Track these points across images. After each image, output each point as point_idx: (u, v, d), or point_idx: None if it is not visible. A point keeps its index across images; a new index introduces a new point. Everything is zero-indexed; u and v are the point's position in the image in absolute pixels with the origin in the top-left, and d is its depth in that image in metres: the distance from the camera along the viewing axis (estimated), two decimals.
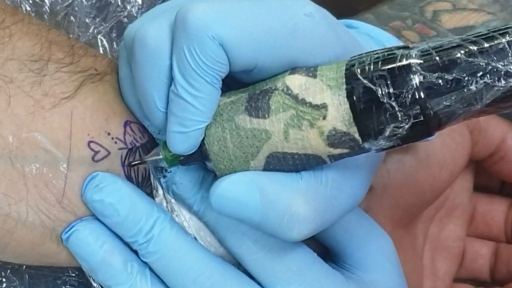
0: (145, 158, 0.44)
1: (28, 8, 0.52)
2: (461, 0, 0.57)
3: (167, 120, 0.42)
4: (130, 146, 0.46)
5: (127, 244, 0.45)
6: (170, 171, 0.45)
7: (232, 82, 0.43)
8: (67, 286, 0.51)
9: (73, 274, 0.51)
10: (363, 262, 0.47)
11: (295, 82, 0.40)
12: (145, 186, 0.46)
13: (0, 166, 0.43)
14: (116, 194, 0.44)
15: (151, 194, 0.46)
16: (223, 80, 0.41)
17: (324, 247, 0.48)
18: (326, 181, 0.41)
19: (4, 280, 0.50)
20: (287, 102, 0.40)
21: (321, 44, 0.41)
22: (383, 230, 0.48)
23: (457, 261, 0.59)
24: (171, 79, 0.41)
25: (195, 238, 0.46)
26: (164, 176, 0.45)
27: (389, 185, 0.53)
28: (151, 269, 0.45)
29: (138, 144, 0.46)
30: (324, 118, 0.39)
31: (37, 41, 0.45)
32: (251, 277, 0.45)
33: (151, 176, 0.46)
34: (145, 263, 0.45)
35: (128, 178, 0.45)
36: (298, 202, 0.40)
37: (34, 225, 0.44)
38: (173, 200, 0.46)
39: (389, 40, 0.49)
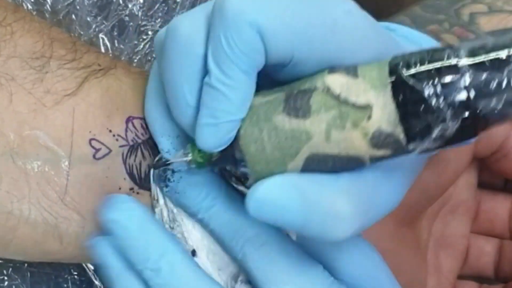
0: (172, 160, 0.44)
1: (30, 7, 0.52)
2: (496, 1, 0.57)
3: (196, 118, 0.41)
4: (131, 143, 0.46)
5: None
6: (173, 180, 0.45)
7: (265, 83, 0.41)
8: (68, 284, 0.51)
9: (75, 273, 0.51)
10: (352, 273, 0.45)
11: (336, 82, 0.39)
12: (147, 184, 0.46)
13: (2, 163, 0.43)
14: (132, 217, 0.43)
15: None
16: (256, 81, 0.40)
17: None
18: (366, 180, 0.40)
19: (5, 278, 0.50)
20: (329, 102, 0.38)
21: (360, 42, 0.40)
22: (366, 240, 0.47)
23: (461, 258, 0.59)
24: (204, 71, 0.40)
25: (198, 247, 0.45)
26: (167, 186, 0.45)
27: None
28: None
29: (139, 141, 0.46)
30: (369, 118, 0.38)
31: (39, 38, 0.45)
32: None
33: (152, 185, 0.46)
34: None
35: (130, 176, 0.45)
36: (341, 201, 0.39)
37: (36, 222, 0.44)
38: (175, 210, 0.46)
39: (428, 42, 0.48)
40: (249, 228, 0.44)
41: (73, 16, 0.53)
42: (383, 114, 0.37)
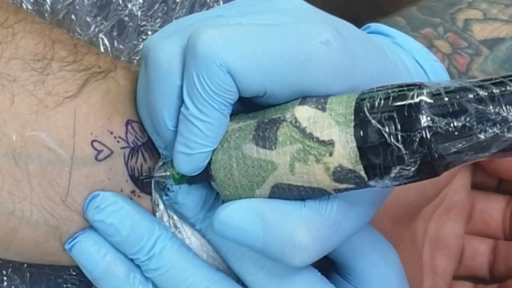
0: (153, 174, 0.45)
1: (29, 7, 0.52)
2: (491, 9, 0.57)
3: (175, 139, 0.42)
4: (132, 145, 0.46)
5: None
6: (173, 190, 0.45)
7: (243, 103, 0.42)
8: (68, 285, 0.51)
9: (74, 273, 0.51)
10: (367, 275, 0.47)
11: (304, 114, 0.39)
12: (148, 187, 0.46)
13: (4, 165, 0.43)
14: (117, 215, 0.44)
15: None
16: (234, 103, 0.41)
17: (330, 259, 0.49)
18: (331, 209, 0.41)
19: (5, 278, 0.50)
20: (294, 135, 0.39)
21: (334, 74, 0.40)
22: (389, 242, 0.48)
23: (456, 259, 0.60)
24: (181, 100, 0.41)
25: (198, 254, 0.46)
26: (166, 194, 0.46)
27: None
28: (153, 284, 0.45)
29: (139, 143, 0.46)
30: (331, 154, 0.38)
31: (40, 40, 0.45)
32: None
33: (153, 190, 0.46)
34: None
35: (132, 177, 0.45)
36: (300, 231, 0.40)
37: (38, 223, 0.44)
38: (175, 216, 0.46)
39: (420, 52, 0.49)
40: None
41: (73, 16, 0.53)
42: (345, 151, 0.38)
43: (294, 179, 0.40)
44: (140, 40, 0.55)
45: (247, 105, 0.43)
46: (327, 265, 0.49)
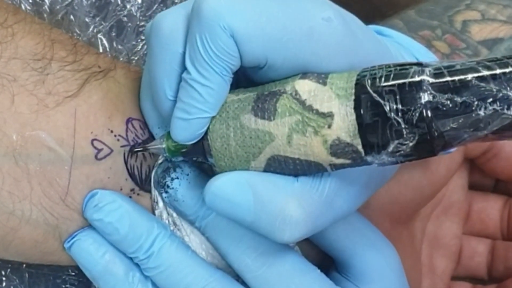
0: (147, 146, 0.45)
1: (28, 8, 0.52)
2: (490, 10, 0.57)
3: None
4: (132, 143, 0.46)
5: None
6: (172, 188, 0.45)
7: (244, 80, 0.43)
8: (67, 285, 0.51)
9: (73, 273, 0.51)
10: (367, 273, 0.47)
11: (305, 87, 0.40)
12: (147, 185, 0.46)
13: (4, 164, 0.43)
14: (115, 213, 0.44)
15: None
16: (234, 77, 0.41)
17: (330, 257, 0.49)
18: (324, 186, 0.41)
19: (4, 279, 0.50)
20: (294, 107, 0.40)
21: (335, 50, 0.41)
22: (388, 240, 0.48)
23: (455, 259, 0.60)
24: (183, 67, 0.41)
25: (197, 251, 0.46)
26: (166, 192, 0.46)
27: (388, 182, 0.53)
28: (152, 282, 0.45)
29: (139, 141, 0.46)
30: (329, 127, 0.38)
31: (40, 40, 0.45)
32: None
33: (152, 188, 0.46)
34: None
35: (131, 175, 0.46)
36: (291, 205, 0.40)
37: (37, 222, 0.44)
38: (174, 214, 0.46)
39: (419, 51, 0.49)
40: (245, 238, 0.45)
41: (72, 17, 0.53)
42: (343, 124, 0.38)
43: (291, 151, 0.40)
44: (139, 40, 0.55)
45: (247, 83, 0.43)
46: (327, 263, 0.49)
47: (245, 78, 0.43)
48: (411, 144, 0.37)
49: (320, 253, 0.49)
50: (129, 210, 0.44)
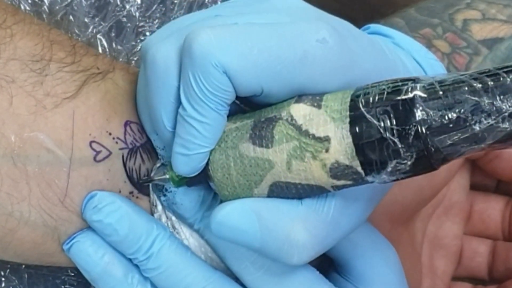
0: (153, 177, 0.45)
1: (27, 8, 0.52)
2: (490, 9, 0.57)
3: (173, 139, 0.42)
4: (130, 146, 0.46)
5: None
6: (170, 191, 0.45)
7: (242, 103, 0.43)
8: (66, 286, 0.51)
9: (72, 274, 0.51)
10: (367, 274, 0.47)
11: (300, 112, 0.40)
12: (146, 188, 0.46)
13: (2, 165, 0.43)
14: (115, 215, 0.44)
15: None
16: (231, 104, 0.41)
17: (330, 258, 0.49)
18: (329, 207, 0.41)
19: (3, 279, 0.50)
20: (290, 133, 0.39)
21: (331, 72, 0.40)
22: (389, 242, 0.48)
23: (455, 260, 0.60)
24: (179, 101, 0.41)
25: (196, 254, 0.46)
26: (164, 195, 0.46)
27: None
28: (152, 283, 0.45)
29: (138, 144, 0.46)
30: (327, 151, 0.38)
31: (39, 41, 0.45)
32: None
33: (151, 191, 0.46)
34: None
35: (130, 178, 0.45)
36: (297, 229, 0.40)
37: (36, 224, 0.44)
38: (173, 217, 0.46)
39: (419, 52, 0.49)
40: None
41: (71, 17, 0.53)
42: (341, 147, 0.38)
43: (292, 176, 0.40)
44: (138, 41, 0.55)
45: (245, 105, 0.43)
46: (326, 264, 0.49)
47: (242, 101, 0.43)
48: (409, 162, 0.37)
49: (320, 256, 0.49)
50: (129, 211, 0.44)
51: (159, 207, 0.46)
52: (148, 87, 0.42)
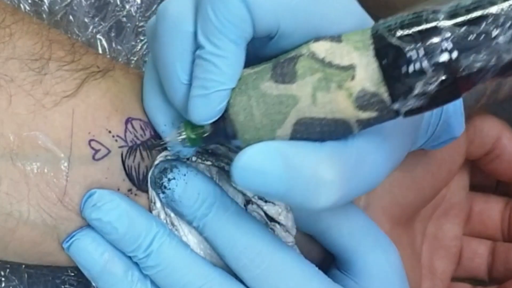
0: (166, 139, 0.44)
1: (27, 8, 0.52)
2: None
3: (188, 95, 0.41)
4: (130, 144, 0.46)
5: None
6: (169, 188, 0.45)
7: (254, 61, 0.42)
8: (66, 286, 0.51)
9: (72, 274, 0.51)
10: (367, 271, 0.47)
11: (321, 47, 0.39)
12: (145, 185, 0.46)
13: (1, 165, 0.43)
14: (114, 213, 0.44)
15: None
16: (246, 55, 0.41)
17: (330, 254, 0.49)
18: (351, 148, 0.40)
19: (3, 279, 0.50)
20: (314, 66, 0.39)
21: (344, 12, 0.40)
22: (390, 240, 0.48)
23: (455, 260, 0.60)
24: (195, 47, 0.41)
25: (195, 251, 0.46)
26: (163, 192, 0.45)
27: (388, 182, 0.53)
28: (152, 281, 0.45)
29: (139, 142, 0.46)
30: (353, 78, 0.38)
31: (38, 40, 0.45)
32: None
33: (149, 188, 0.46)
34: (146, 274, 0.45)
35: (129, 176, 0.45)
36: (324, 167, 0.39)
37: (35, 223, 0.44)
38: (172, 214, 0.46)
39: None
40: (243, 238, 0.44)
41: (71, 17, 0.53)
42: (366, 73, 0.38)
43: (317, 110, 0.39)
44: (138, 41, 0.55)
45: (258, 62, 0.42)
46: (328, 263, 0.49)
47: (255, 58, 0.42)
48: (436, 82, 0.37)
49: (321, 253, 0.49)
50: (128, 209, 0.44)
51: (158, 204, 0.46)
52: (160, 42, 0.42)
